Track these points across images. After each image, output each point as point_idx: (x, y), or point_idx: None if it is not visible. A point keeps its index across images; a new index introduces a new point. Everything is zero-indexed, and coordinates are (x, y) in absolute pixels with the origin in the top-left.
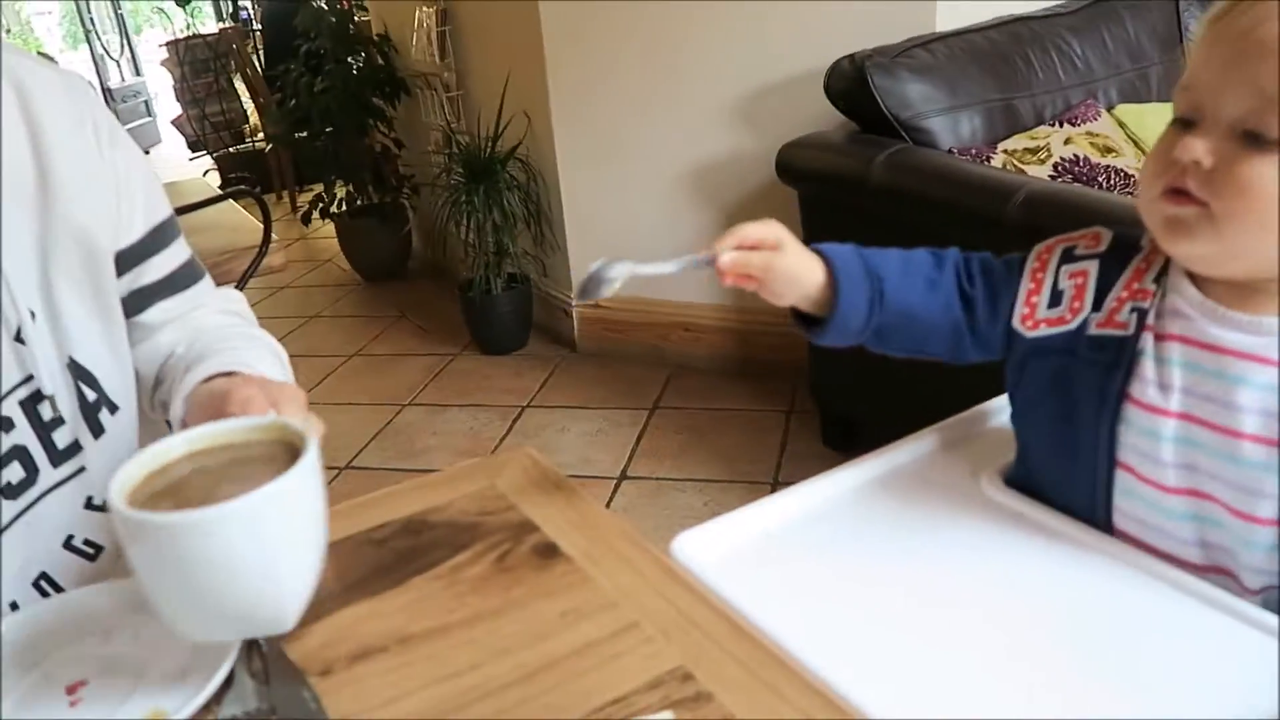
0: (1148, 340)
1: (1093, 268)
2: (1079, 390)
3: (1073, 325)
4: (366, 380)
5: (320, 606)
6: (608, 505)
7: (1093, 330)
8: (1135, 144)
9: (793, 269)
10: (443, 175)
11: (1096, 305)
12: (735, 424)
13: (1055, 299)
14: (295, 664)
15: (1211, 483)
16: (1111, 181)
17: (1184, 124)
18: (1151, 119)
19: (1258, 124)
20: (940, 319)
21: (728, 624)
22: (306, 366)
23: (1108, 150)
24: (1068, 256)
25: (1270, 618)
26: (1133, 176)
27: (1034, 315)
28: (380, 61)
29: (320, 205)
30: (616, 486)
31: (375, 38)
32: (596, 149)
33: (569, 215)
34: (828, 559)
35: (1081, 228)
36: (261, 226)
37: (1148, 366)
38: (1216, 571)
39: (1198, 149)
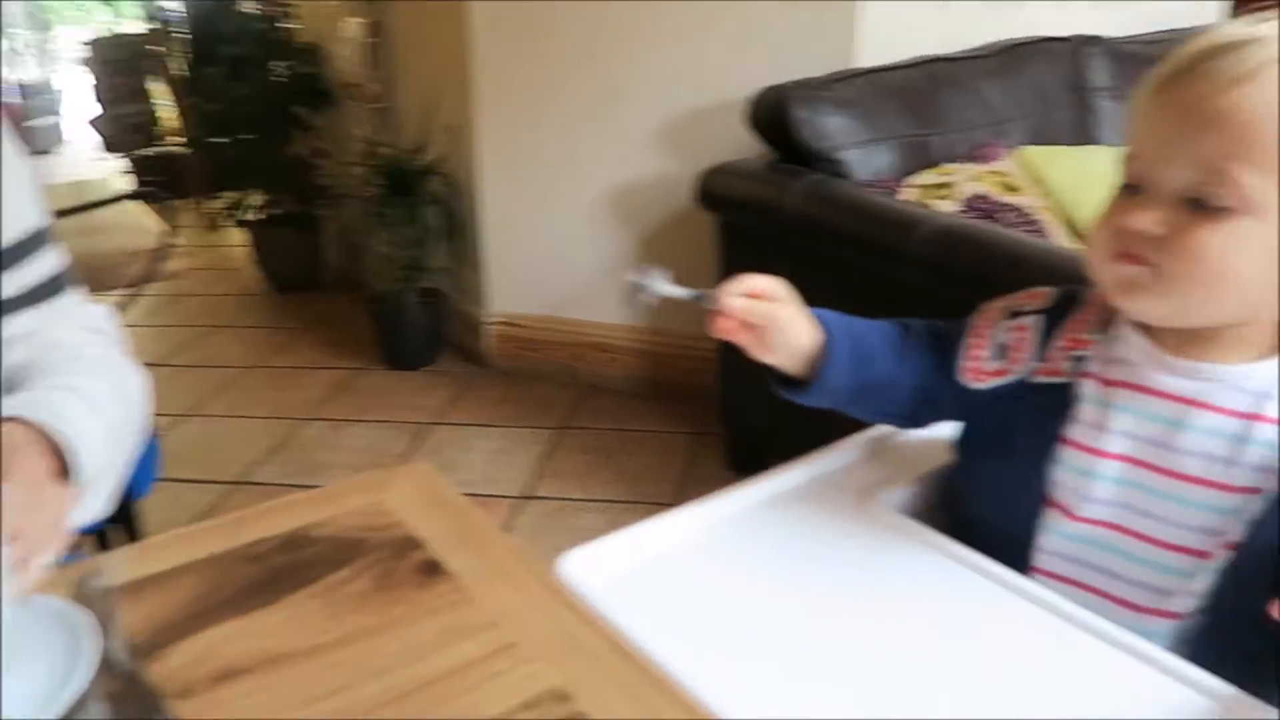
0: (1088, 386)
1: (1034, 322)
2: (1020, 434)
3: (1016, 375)
4: (266, 393)
5: (184, 625)
6: (509, 526)
7: (1034, 379)
8: (1039, 184)
9: (792, 324)
10: (362, 186)
11: (1041, 356)
12: (643, 445)
13: (999, 352)
14: (153, 685)
15: (1144, 521)
16: (1014, 219)
17: (1131, 189)
18: (1056, 162)
19: (1204, 193)
20: (908, 385)
21: (610, 645)
22: (204, 377)
23: (1012, 189)
24: (1010, 314)
25: (1147, 646)
26: (1035, 218)
27: (979, 368)
28: (307, 70)
29: (234, 212)
30: (519, 507)
31: (302, 46)
32: (520, 166)
33: (489, 232)
34: (716, 580)
35: (983, 262)
36: (162, 230)
37: (1086, 410)
38: (1129, 607)
39: (1146, 221)
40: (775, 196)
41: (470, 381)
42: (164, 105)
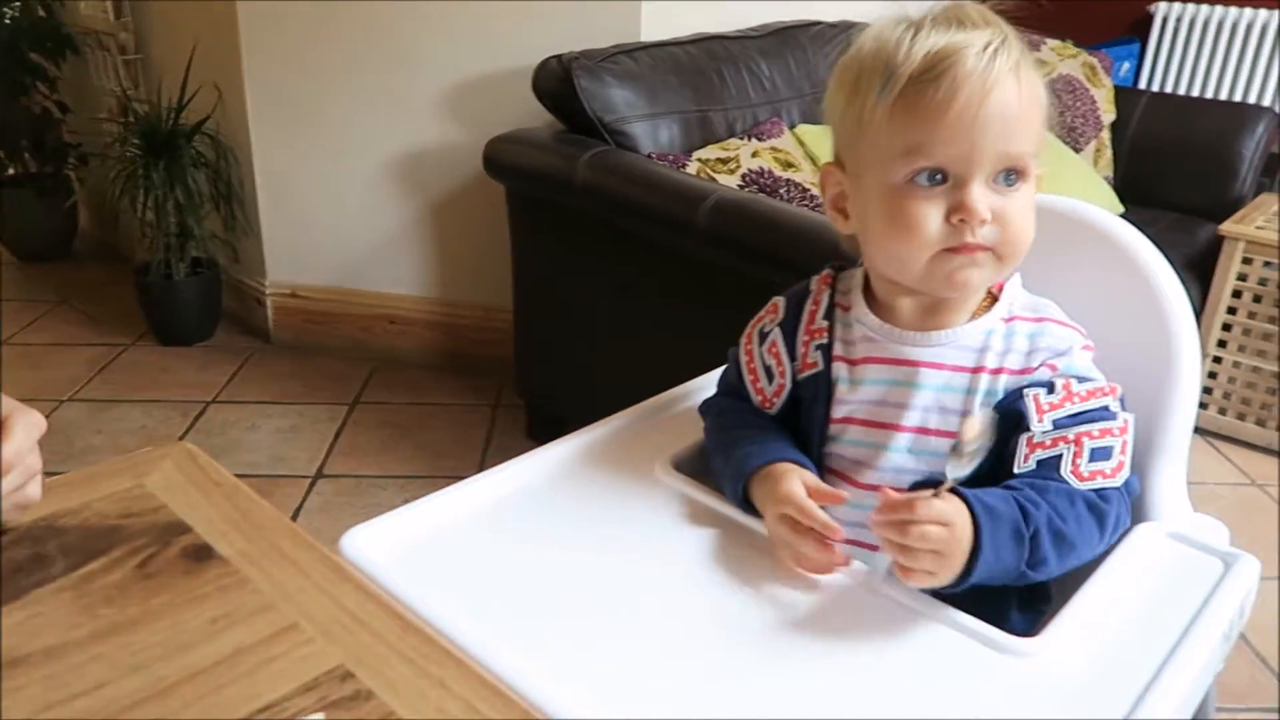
0: (841, 369)
1: (778, 335)
2: (803, 424)
3: (788, 383)
4: (19, 372)
5: None
6: (301, 505)
7: (799, 377)
8: (812, 160)
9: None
10: (116, 146)
11: (794, 358)
12: (440, 419)
13: (768, 375)
14: None
15: (895, 475)
16: (791, 194)
17: (928, 182)
18: (827, 141)
19: (1014, 166)
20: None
21: (395, 620)
22: None
23: (789, 165)
24: (762, 338)
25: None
26: (809, 190)
27: (765, 396)
28: (41, 14)
29: None
30: (311, 485)
31: None
32: (296, 129)
33: (264, 198)
34: (502, 549)
35: (762, 233)
36: None
37: (841, 390)
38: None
39: (983, 209)
40: (562, 166)
41: (252, 357)
42: None
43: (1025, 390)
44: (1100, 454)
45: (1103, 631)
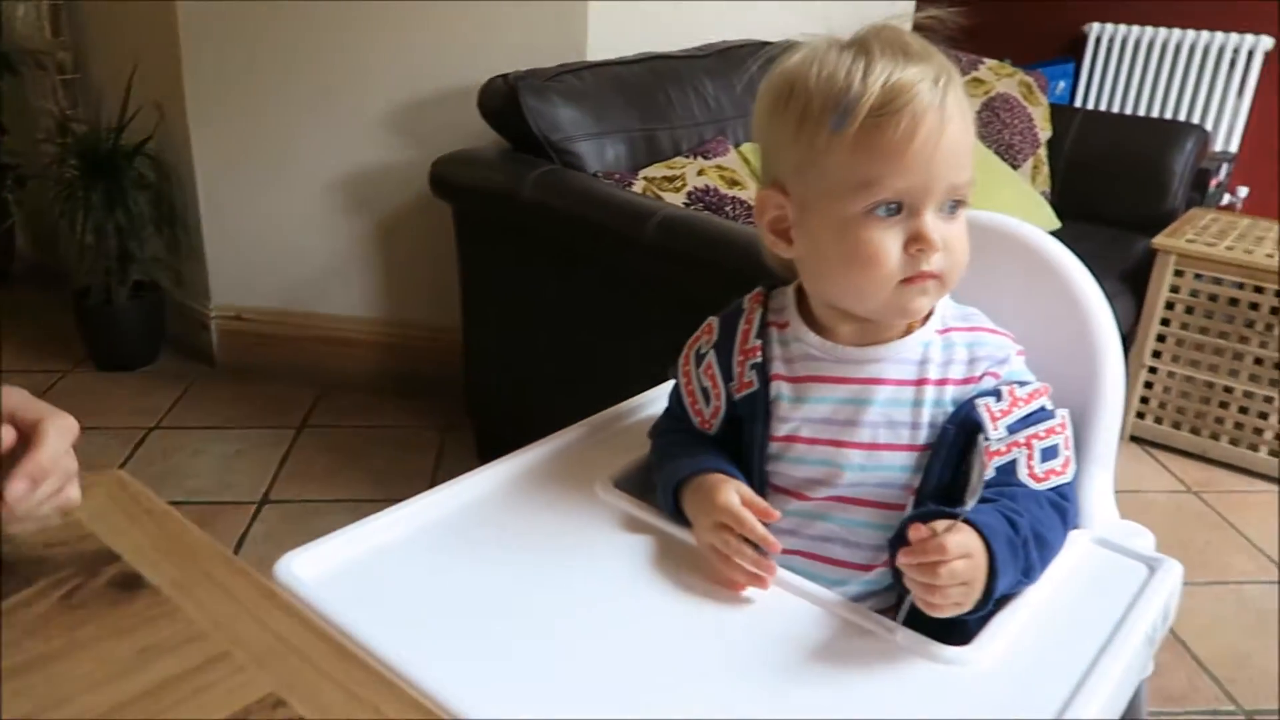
0: (782, 387)
1: (713, 357)
2: (744, 443)
3: (724, 404)
4: None
5: None
6: (246, 532)
7: (736, 397)
8: (757, 178)
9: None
10: (54, 167)
11: (730, 378)
12: (389, 442)
13: (705, 397)
14: None
15: (852, 489)
16: (736, 211)
17: (886, 214)
18: None
19: (960, 196)
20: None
21: (330, 646)
22: None
23: (734, 183)
24: (698, 359)
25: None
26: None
27: (704, 418)
28: None
29: None
30: (257, 512)
31: None
32: (240, 150)
33: (208, 220)
34: (442, 571)
35: (708, 250)
36: None
37: (783, 407)
38: (854, 567)
39: (937, 238)
40: (509, 185)
41: (197, 382)
42: None
43: (976, 401)
44: (1050, 453)
45: (1032, 638)
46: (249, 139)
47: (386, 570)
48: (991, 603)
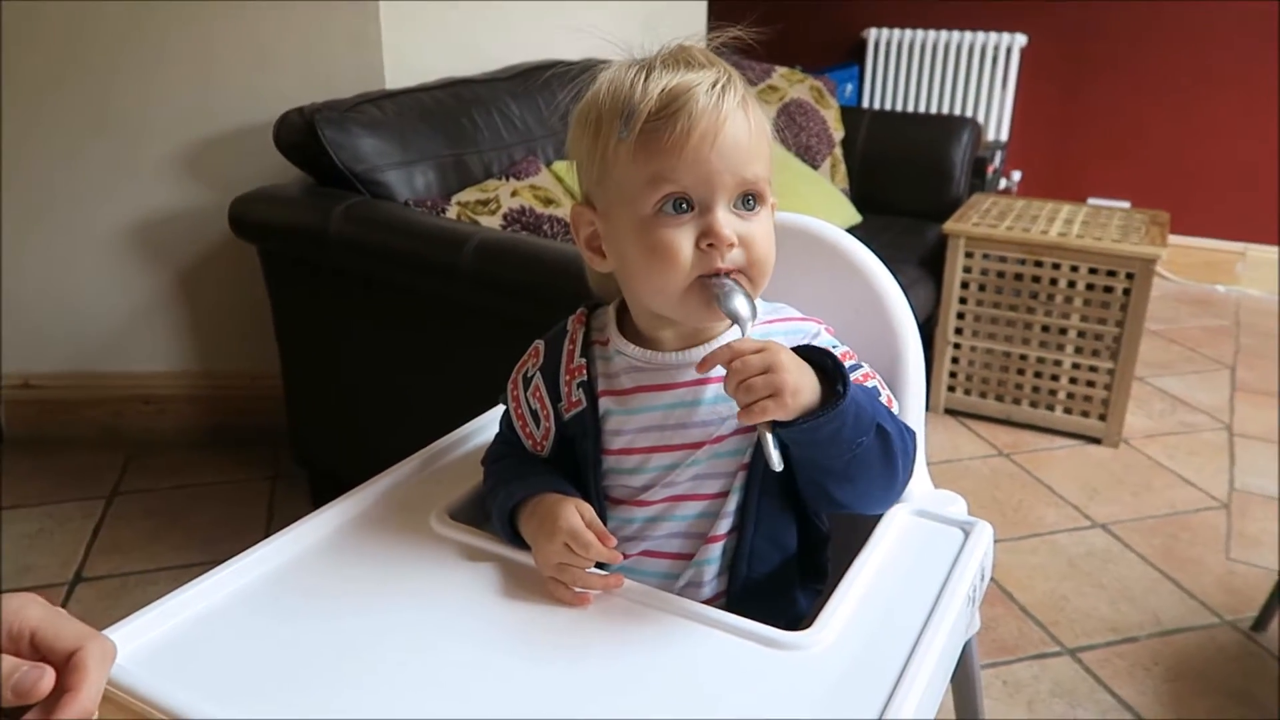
0: (608, 402)
1: (540, 380)
2: (578, 461)
3: (554, 425)
4: None
5: None
6: None
7: (566, 417)
8: (572, 195)
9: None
10: None
11: (558, 399)
12: (213, 499)
13: (535, 419)
14: None
15: (690, 484)
16: (554, 230)
17: (675, 210)
18: None
19: (751, 190)
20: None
21: None
22: None
23: (549, 202)
24: (526, 383)
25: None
26: None
27: (535, 440)
28: None
29: None
30: (69, 592)
31: None
32: (18, 210)
33: None
34: (273, 629)
35: (528, 271)
36: None
37: (613, 421)
38: (685, 557)
39: (729, 233)
40: (316, 221)
41: None
42: None
43: None
44: (872, 392)
45: (865, 613)
46: (26, 196)
47: (213, 637)
48: (840, 405)
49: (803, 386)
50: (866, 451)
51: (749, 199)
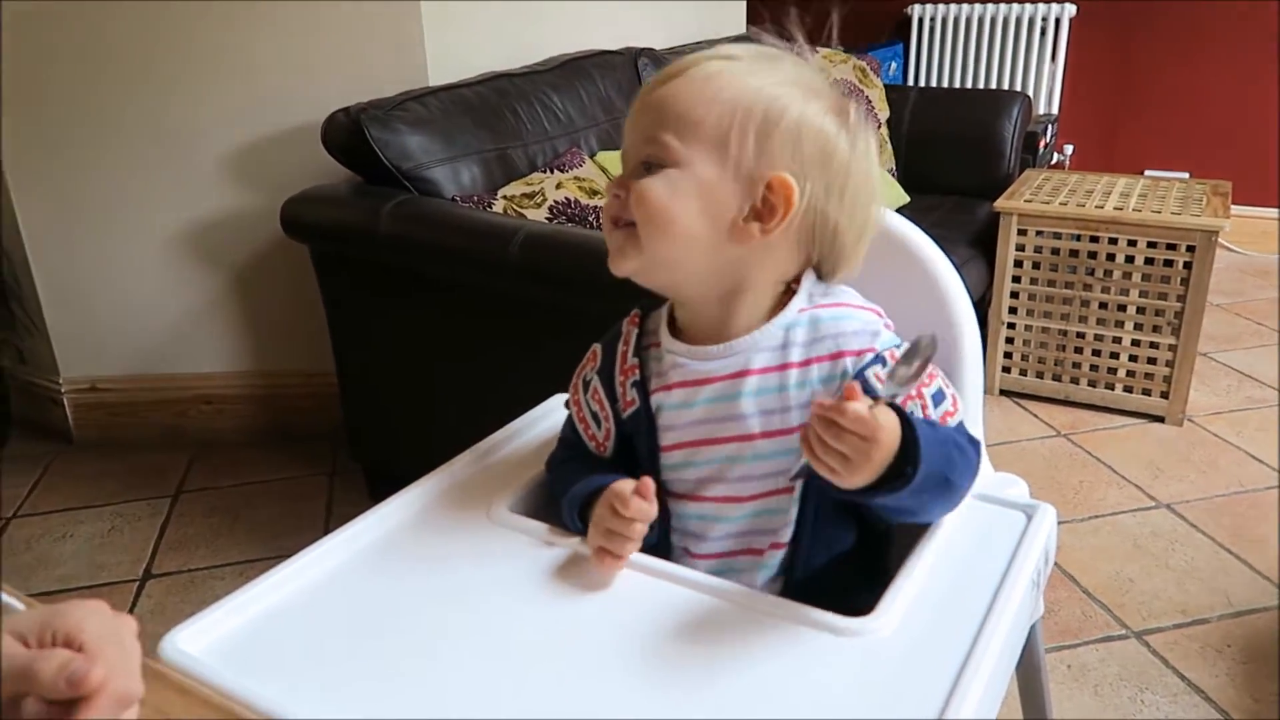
0: (661, 399)
1: (598, 383)
2: (638, 459)
3: (614, 426)
4: None
5: None
6: (130, 612)
7: (624, 415)
8: None
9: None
10: None
11: (615, 399)
12: (274, 496)
13: (596, 421)
14: None
15: (740, 484)
16: (600, 221)
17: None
18: None
19: (648, 157)
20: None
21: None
22: None
23: (594, 193)
24: (585, 386)
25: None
26: None
27: (598, 441)
28: None
29: None
30: (140, 589)
31: None
32: (71, 215)
33: (45, 290)
34: (339, 623)
35: (574, 262)
36: None
37: (668, 417)
38: (751, 554)
39: (615, 186)
40: (365, 220)
41: (55, 462)
42: None
43: (866, 373)
44: (939, 397)
45: (928, 598)
46: (78, 202)
47: (282, 631)
48: (915, 480)
49: (880, 464)
50: (930, 499)
51: (648, 163)
